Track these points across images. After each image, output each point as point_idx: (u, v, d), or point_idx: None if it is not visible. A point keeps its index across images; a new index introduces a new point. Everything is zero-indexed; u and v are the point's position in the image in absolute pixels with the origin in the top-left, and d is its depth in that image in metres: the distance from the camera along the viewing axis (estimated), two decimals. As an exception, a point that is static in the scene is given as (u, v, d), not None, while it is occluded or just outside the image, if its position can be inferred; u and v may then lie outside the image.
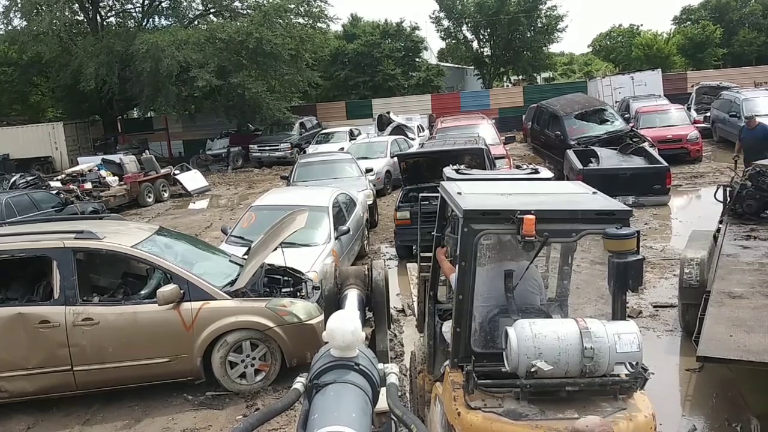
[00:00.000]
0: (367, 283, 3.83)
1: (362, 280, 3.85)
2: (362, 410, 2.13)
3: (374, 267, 3.89)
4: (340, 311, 2.75)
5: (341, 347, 2.34)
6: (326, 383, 2.26)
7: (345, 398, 2.15)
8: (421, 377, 5.16)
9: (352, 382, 2.26)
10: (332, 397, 2.17)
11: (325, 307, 3.83)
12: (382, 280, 3.81)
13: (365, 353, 2.47)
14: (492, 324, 4.11)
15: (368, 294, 3.81)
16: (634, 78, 27.27)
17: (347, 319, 2.42)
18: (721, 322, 5.48)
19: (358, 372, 2.33)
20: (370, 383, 2.35)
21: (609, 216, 3.89)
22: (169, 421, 6.01)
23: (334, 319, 2.42)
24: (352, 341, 2.35)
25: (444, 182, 4.89)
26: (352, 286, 3.81)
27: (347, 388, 2.22)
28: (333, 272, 3.90)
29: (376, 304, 3.83)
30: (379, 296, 3.80)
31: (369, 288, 3.82)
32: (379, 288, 3.80)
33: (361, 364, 2.36)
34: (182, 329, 6.31)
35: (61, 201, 14.48)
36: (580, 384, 3.59)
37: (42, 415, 6.31)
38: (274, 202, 10.51)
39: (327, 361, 2.37)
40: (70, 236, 6.49)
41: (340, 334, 2.33)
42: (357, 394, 2.22)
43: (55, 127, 32.18)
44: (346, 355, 2.35)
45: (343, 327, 2.35)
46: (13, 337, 6.18)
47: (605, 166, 13.40)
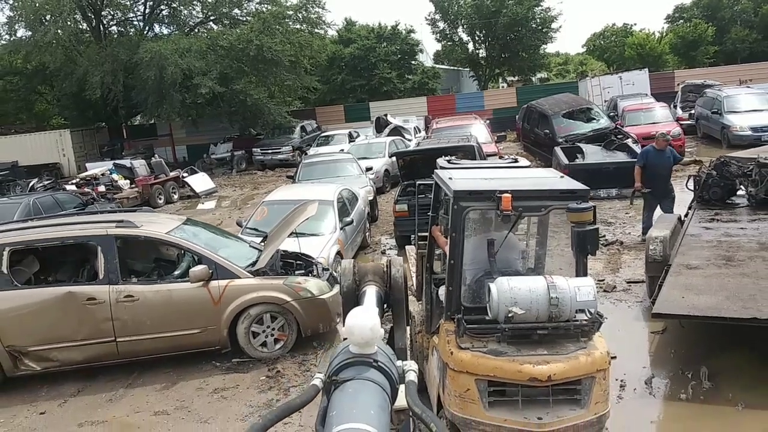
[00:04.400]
0: (386, 279, 3.78)
1: (381, 277, 3.80)
2: (381, 407, 2.10)
3: (393, 264, 3.83)
4: (359, 308, 2.66)
5: (360, 344, 2.30)
6: (345, 380, 2.23)
7: (363, 395, 2.13)
8: (420, 336, 6.07)
9: (371, 379, 2.23)
10: (351, 394, 2.14)
11: (344, 303, 3.77)
12: (401, 277, 3.78)
13: (384, 350, 2.42)
14: (478, 284, 5.02)
15: (387, 291, 3.76)
16: (622, 78, 28.18)
17: (366, 316, 2.37)
18: (677, 287, 6.40)
19: (377, 369, 2.29)
20: (388, 380, 2.31)
21: (571, 194, 4.84)
22: (202, 383, 6.91)
23: (353, 315, 2.38)
24: (371, 338, 2.30)
25: (437, 170, 5.81)
26: (371, 282, 3.76)
27: (366, 385, 2.19)
28: (352, 268, 3.83)
29: (395, 301, 3.80)
30: (397, 293, 3.77)
31: (387, 285, 3.78)
32: (398, 285, 3.77)
33: (380, 361, 2.31)
34: (211, 304, 7.22)
35: (82, 201, 15.39)
36: (548, 327, 4.51)
37: (89, 381, 7.21)
38: (284, 197, 11.43)
39: (346, 357, 2.32)
40: (112, 225, 7.42)
41: (359, 330, 2.29)
42: (376, 391, 2.19)
43: (62, 135, 33.02)
44: (364, 352, 2.30)
45: (362, 323, 2.31)
46: (64, 313, 7.07)
47: (590, 161, 14.32)
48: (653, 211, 9.80)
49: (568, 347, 4.52)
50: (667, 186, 10.01)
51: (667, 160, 9.98)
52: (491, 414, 4.40)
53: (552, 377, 4.29)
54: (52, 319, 7.06)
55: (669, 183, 10.04)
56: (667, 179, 10.02)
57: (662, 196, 9.94)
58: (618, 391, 5.75)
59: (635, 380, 5.98)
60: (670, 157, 10.04)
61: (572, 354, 4.46)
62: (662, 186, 9.95)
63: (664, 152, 9.95)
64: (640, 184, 10.00)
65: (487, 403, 4.42)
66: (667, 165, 10.00)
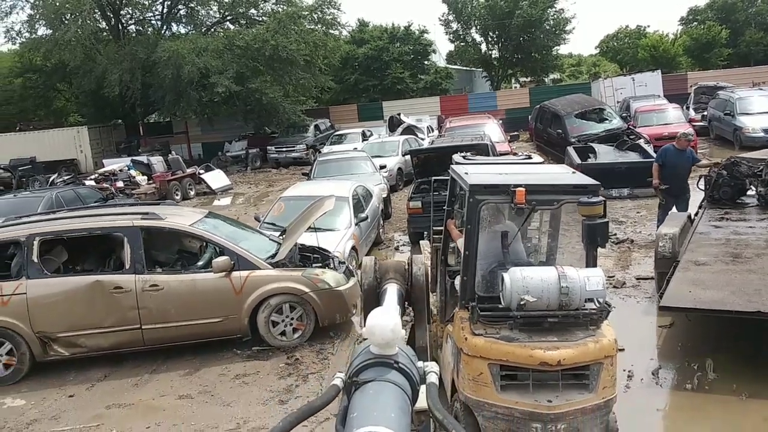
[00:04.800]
0: (407, 277, 3.74)
1: (402, 275, 3.77)
2: (401, 410, 2.07)
3: (414, 262, 3.78)
4: (380, 308, 2.63)
5: (381, 345, 2.27)
6: (365, 381, 2.21)
7: (384, 397, 2.10)
8: (434, 325, 6.29)
9: (392, 381, 2.20)
10: (371, 395, 2.12)
11: (364, 300, 3.73)
12: (423, 275, 3.73)
13: (405, 351, 2.40)
14: (491, 275, 5.24)
15: (408, 289, 3.72)
16: (635, 79, 28.28)
17: (387, 317, 2.34)
18: (684, 282, 6.61)
19: (398, 370, 2.26)
20: (409, 381, 2.28)
21: (583, 188, 5.07)
22: (224, 369, 7.18)
23: (373, 316, 2.35)
24: (392, 339, 2.28)
25: (453, 165, 6.04)
26: (392, 280, 3.74)
27: (387, 387, 2.16)
28: (373, 266, 3.80)
29: (416, 299, 3.77)
30: (419, 291, 3.73)
31: (409, 283, 3.74)
32: (419, 283, 3.74)
33: (401, 362, 2.28)
34: (233, 294, 7.49)
35: (102, 196, 15.75)
36: (558, 315, 4.73)
37: (115, 367, 7.50)
38: (301, 193, 11.70)
39: (366, 358, 2.30)
40: (138, 216, 7.71)
41: (380, 331, 2.26)
42: (396, 393, 2.16)
43: (79, 131, 33.55)
44: (385, 353, 2.28)
45: (382, 324, 2.28)
46: (92, 301, 7.36)
47: (602, 161, 14.49)
48: (668, 211, 9.91)
49: (578, 334, 4.73)
50: (684, 186, 10.09)
51: (686, 161, 10.05)
52: (503, 396, 4.63)
53: (562, 362, 4.51)
54: (80, 307, 7.36)
55: (686, 183, 10.12)
56: (685, 179, 10.09)
57: (678, 195, 10.04)
58: (625, 381, 5.95)
59: (642, 371, 6.18)
60: (690, 157, 10.13)
61: (581, 341, 4.68)
62: (679, 186, 10.02)
63: (684, 152, 10.02)
64: (658, 181, 10.08)
65: (499, 386, 4.64)
66: (685, 165, 10.08)
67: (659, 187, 9.98)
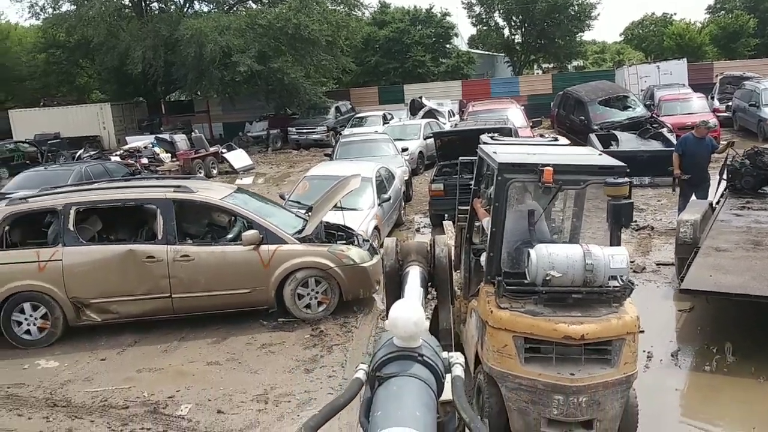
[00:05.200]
0: (430, 259, 3.67)
1: (424, 257, 3.70)
2: (426, 407, 2.03)
3: (437, 243, 3.70)
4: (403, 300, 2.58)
5: (404, 338, 2.23)
6: (389, 375, 2.15)
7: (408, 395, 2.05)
8: (458, 301, 6.44)
9: (416, 375, 2.15)
10: (395, 392, 2.06)
11: (386, 282, 3.66)
12: (446, 257, 3.64)
13: (429, 342, 2.33)
14: (517, 251, 5.37)
15: (430, 271, 3.63)
16: (660, 67, 28.05)
17: (410, 309, 2.27)
18: (705, 267, 6.70)
19: (422, 363, 2.21)
20: (434, 374, 2.23)
21: (609, 170, 5.16)
22: (250, 339, 7.40)
23: (396, 308, 2.28)
24: (415, 332, 2.22)
25: (482, 145, 6.16)
26: (414, 262, 3.67)
27: (411, 383, 2.11)
28: (394, 248, 3.72)
29: (440, 281, 3.68)
30: (442, 273, 3.64)
31: (431, 265, 3.65)
32: (442, 265, 3.64)
33: (425, 355, 2.23)
34: (261, 267, 7.69)
35: (129, 171, 16.04)
36: (582, 292, 4.85)
37: (145, 333, 7.74)
38: (325, 172, 11.86)
39: (389, 350, 2.24)
40: (170, 189, 7.93)
41: (403, 324, 2.20)
42: (421, 388, 2.11)
43: (102, 108, 33.93)
44: (409, 345, 2.23)
45: (406, 317, 2.22)
46: (125, 269, 7.60)
47: (624, 149, 14.48)
48: (689, 199, 9.96)
49: (601, 311, 4.86)
50: (704, 174, 10.12)
51: (705, 149, 10.08)
52: (526, 368, 4.77)
53: (585, 336, 4.64)
54: (113, 275, 7.59)
55: (706, 172, 10.16)
56: (705, 168, 10.13)
57: (698, 184, 10.08)
58: (645, 362, 6.07)
59: (662, 352, 6.30)
60: (709, 145, 10.15)
61: (604, 317, 4.80)
62: (699, 174, 10.06)
63: (703, 140, 10.05)
64: (679, 171, 10.12)
65: (523, 358, 4.79)
66: (705, 154, 10.10)
67: (681, 177, 10.02)
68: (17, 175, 15.67)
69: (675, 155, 10.16)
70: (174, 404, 5.95)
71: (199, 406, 5.87)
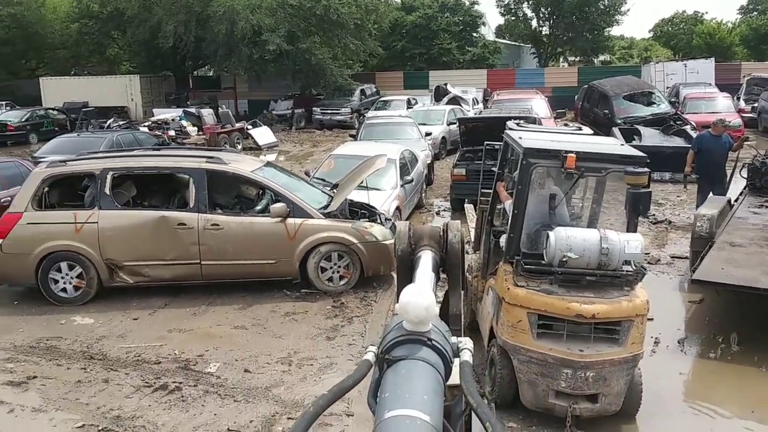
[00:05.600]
0: (442, 244, 3.70)
1: (437, 242, 3.71)
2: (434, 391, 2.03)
3: (450, 228, 3.73)
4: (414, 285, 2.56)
5: (414, 322, 2.24)
6: (398, 358, 2.17)
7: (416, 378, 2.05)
8: (476, 280, 6.72)
9: (424, 359, 2.15)
10: (403, 375, 2.07)
11: (398, 267, 3.72)
12: (458, 242, 3.69)
13: (438, 327, 2.33)
14: (536, 234, 5.63)
15: (443, 256, 3.68)
16: (687, 65, 27.91)
17: (421, 294, 2.27)
18: (718, 260, 6.90)
19: (431, 347, 2.22)
20: (442, 359, 2.22)
21: (629, 159, 5.39)
22: (274, 307, 7.73)
23: (407, 293, 2.29)
24: (425, 317, 2.23)
25: (507, 131, 6.39)
26: (426, 247, 3.67)
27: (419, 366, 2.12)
28: (407, 232, 3.73)
29: (451, 266, 3.72)
30: (454, 258, 3.68)
31: (444, 250, 3.69)
32: (455, 250, 3.68)
33: (434, 340, 2.24)
34: (287, 239, 8.01)
35: (158, 142, 16.44)
36: (597, 275, 5.11)
37: (174, 297, 8.10)
38: (350, 152, 12.13)
39: (399, 334, 2.25)
40: (204, 160, 8.24)
41: (413, 309, 2.21)
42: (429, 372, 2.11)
43: (131, 80, 34.46)
44: (418, 329, 2.24)
45: (416, 302, 2.22)
46: (157, 234, 7.94)
47: (646, 144, 14.58)
48: (707, 195, 10.10)
49: (612, 293, 5.12)
50: (721, 172, 10.27)
51: (722, 147, 10.22)
52: (538, 343, 5.06)
53: (596, 316, 4.91)
54: (146, 239, 7.94)
55: (723, 169, 10.30)
56: (722, 165, 10.28)
57: (715, 181, 10.23)
58: (652, 347, 6.31)
59: (669, 339, 6.54)
60: (726, 143, 10.29)
61: (615, 299, 5.06)
62: (716, 172, 10.22)
63: (720, 138, 10.20)
64: (689, 168, 10.27)
65: (535, 333, 5.07)
66: (722, 151, 10.25)
67: (691, 175, 10.18)
68: (50, 141, 16.18)
69: (690, 153, 10.33)
70: (203, 362, 6.30)
71: (227, 365, 6.21)
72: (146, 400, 5.61)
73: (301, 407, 5.38)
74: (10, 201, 9.56)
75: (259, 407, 5.42)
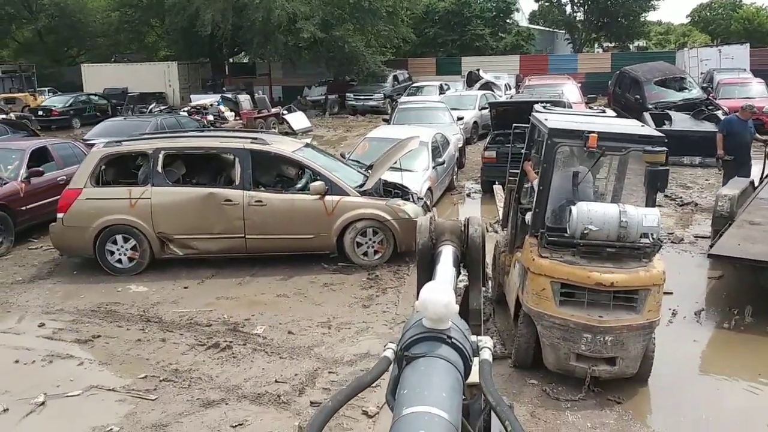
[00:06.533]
0: (463, 239, 3.68)
1: (458, 236, 3.69)
2: (453, 389, 2.03)
3: (471, 223, 3.70)
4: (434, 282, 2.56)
5: (433, 320, 2.24)
6: (417, 355, 2.16)
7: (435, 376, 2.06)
8: (503, 256, 7.14)
9: (444, 357, 2.15)
10: (422, 372, 2.08)
11: (419, 261, 3.70)
12: (479, 237, 3.64)
13: (458, 325, 2.33)
14: (560, 209, 6.02)
15: (463, 251, 3.64)
16: (722, 51, 27.66)
17: (441, 292, 2.27)
18: (736, 237, 7.21)
19: (450, 345, 2.21)
20: (462, 357, 2.22)
21: (648, 139, 5.75)
22: (313, 278, 8.27)
23: (427, 290, 2.28)
24: (445, 315, 2.23)
25: (534, 113, 6.78)
26: (447, 242, 3.65)
27: (438, 364, 2.11)
28: (428, 226, 3.71)
29: (472, 261, 3.69)
30: (475, 253, 3.66)
31: (465, 245, 3.66)
32: (476, 245, 3.65)
33: (454, 337, 2.23)
34: (325, 215, 8.52)
35: (199, 126, 17.13)
36: (616, 246, 5.48)
37: (220, 268, 8.69)
38: (384, 135, 12.59)
39: (418, 331, 2.24)
40: (248, 140, 8.79)
41: (433, 306, 2.21)
42: (448, 370, 2.11)
43: (170, 66, 35.34)
44: (438, 327, 2.24)
45: (436, 299, 2.22)
46: (205, 210, 8.51)
47: (675, 128, 14.75)
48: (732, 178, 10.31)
49: (631, 264, 5.49)
50: (747, 155, 10.47)
51: (749, 131, 10.44)
52: (561, 310, 5.46)
53: (614, 284, 5.29)
54: (195, 214, 8.52)
55: (749, 153, 10.50)
56: (748, 149, 10.48)
57: (741, 164, 10.43)
58: (669, 317, 6.68)
59: (686, 311, 6.89)
60: (752, 128, 10.50)
61: (633, 269, 5.44)
62: (743, 155, 10.42)
63: (746, 123, 10.40)
64: (722, 151, 10.48)
65: (558, 301, 5.48)
66: (748, 136, 10.45)
67: (724, 157, 10.40)
68: (98, 124, 16.99)
69: (719, 136, 10.54)
70: (250, 325, 6.86)
71: (272, 328, 6.76)
72: (200, 357, 6.19)
73: (341, 364, 5.92)
74: (65, 179, 10.29)
75: (302, 363, 5.96)
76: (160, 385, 5.69)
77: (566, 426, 4.97)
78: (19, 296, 8.06)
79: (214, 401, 5.38)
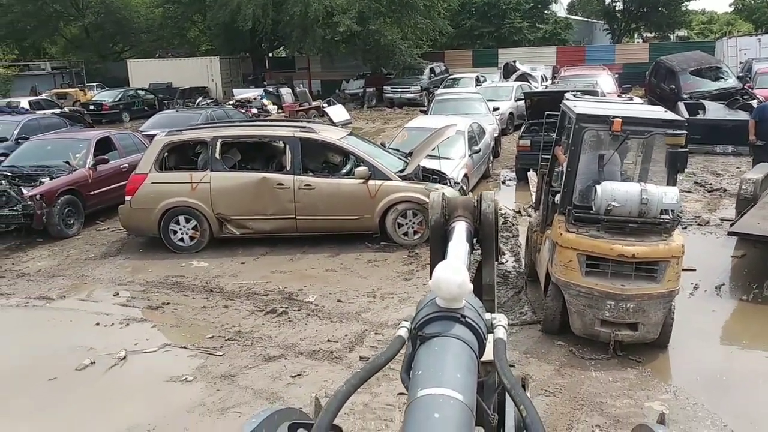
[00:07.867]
0: (476, 215, 3.65)
1: (471, 212, 3.65)
2: (468, 368, 2.02)
3: (484, 199, 3.68)
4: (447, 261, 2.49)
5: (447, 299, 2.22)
6: (431, 335, 2.14)
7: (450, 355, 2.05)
8: (535, 235, 7.70)
9: (458, 336, 2.13)
10: (437, 353, 2.06)
11: (431, 237, 3.69)
12: (492, 212, 3.65)
13: (472, 304, 2.31)
14: (587, 189, 6.56)
15: (476, 226, 3.62)
16: (761, 40, 27.46)
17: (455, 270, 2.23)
18: (756, 217, 7.64)
19: (464, 324, 2.20)
20: (476, 336, 2.21)
21: (670, 123, 6.25)
22: (358, 255, 8.95)
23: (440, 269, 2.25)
24: (459, 294, 2.20)
25: (564, 101, 7.32)
26: (460, 218, 3.61)
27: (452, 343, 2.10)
28: (440, 202, 3.69)
29: (485, 236, 3.67)
30: (487, 228, 3.64)
31: (478, 220, 3.64)
32: (488, 220, 3.64)
33: (468, 316, 2.22)
34: (368, 198, 9.19)
35: (246, 118, 17.98)
36: (638, 222, 6.01)
37: (273, 247, 9.43)
38: (422, 124, 13.20)
39: (432, 310, 2.23)
40: (297, 129, 9.50)
41: (446, 285, 2.19)
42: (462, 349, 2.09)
43: (212, 61, 36.44)
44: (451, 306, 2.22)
45: (449, 278, 2.19)
46: (259, 193, 9.25)
47: (708, 117, 15.01)
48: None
49: (651, 238, 6.01)
50: None
51: None
52: (586, 279, 6.01)
53: (635, 255, 5.82)
54: (249, 197, 9.26)
55: None
56: None
57: None
58: (690, 290, 7.17)
59: (707, 285, 7.37)
60: None
61: (654, 242, 5.96)
62: None
63: None
64: (754, 137, 10.78)
65: (584, 271, 6.03)
66: None
67: (755, 143, 10.70)
68: (152, 116, 17.98)
69: (751, 122, 10.86)
70: (303, 294, 7.58)
71: (323, 297, 7.47)
72: (260, 320, 6.93)
73: (386, 327, 6.58)
74: (127, 167, 11.17)
75: (351, 326, 6.65)
76: (225, 343, 6.43)
77: (590, 380, 5.54)
78: (93, 270, 8.93)
79: (274, 356, 6.10)
